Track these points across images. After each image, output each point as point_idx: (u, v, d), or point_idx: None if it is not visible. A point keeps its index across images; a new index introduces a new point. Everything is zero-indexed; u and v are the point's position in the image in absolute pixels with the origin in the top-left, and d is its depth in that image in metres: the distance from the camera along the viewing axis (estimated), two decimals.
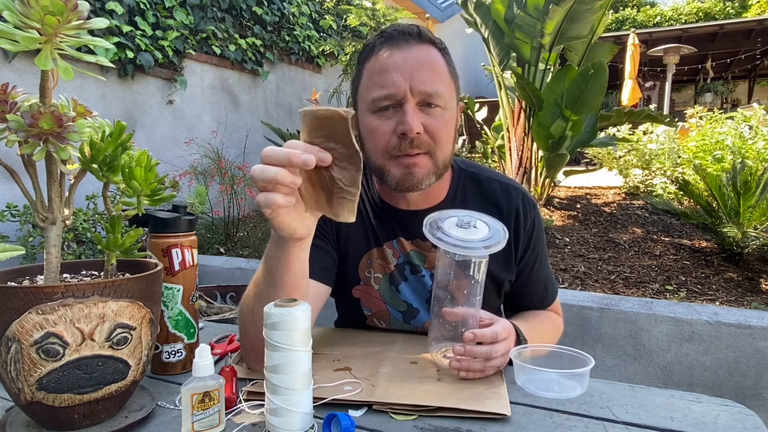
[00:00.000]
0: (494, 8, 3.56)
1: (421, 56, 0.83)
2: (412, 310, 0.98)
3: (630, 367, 1.90)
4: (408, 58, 0.82)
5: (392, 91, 0.81)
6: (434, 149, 0.84)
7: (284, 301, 0.61)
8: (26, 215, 2.55)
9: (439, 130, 0.83)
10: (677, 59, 8.83)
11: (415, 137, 0.81)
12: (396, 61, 0.82)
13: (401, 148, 0.83)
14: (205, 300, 2.39)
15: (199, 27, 4.00)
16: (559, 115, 3.18)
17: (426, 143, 0.83)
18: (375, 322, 1.02)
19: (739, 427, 0.65)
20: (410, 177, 0.84)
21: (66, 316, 0.56)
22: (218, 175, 3.56)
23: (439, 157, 0.85)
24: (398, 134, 0.82)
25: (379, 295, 0.98)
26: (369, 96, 0.84)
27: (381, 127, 0.83)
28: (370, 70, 0.85)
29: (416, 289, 0.97)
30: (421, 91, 0.81)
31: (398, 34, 0.84)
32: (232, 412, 0.67)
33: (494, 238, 0.77)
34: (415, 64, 0.82)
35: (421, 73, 0.81)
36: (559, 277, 2.63)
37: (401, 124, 0.81)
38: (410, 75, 0.81)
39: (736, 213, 2.78)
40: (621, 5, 17.77)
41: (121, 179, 0.65)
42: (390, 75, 0.81)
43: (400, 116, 0.82)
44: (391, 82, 0.81)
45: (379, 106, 0.83)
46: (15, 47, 0.55)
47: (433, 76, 0.83)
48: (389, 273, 0.97)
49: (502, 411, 0.66)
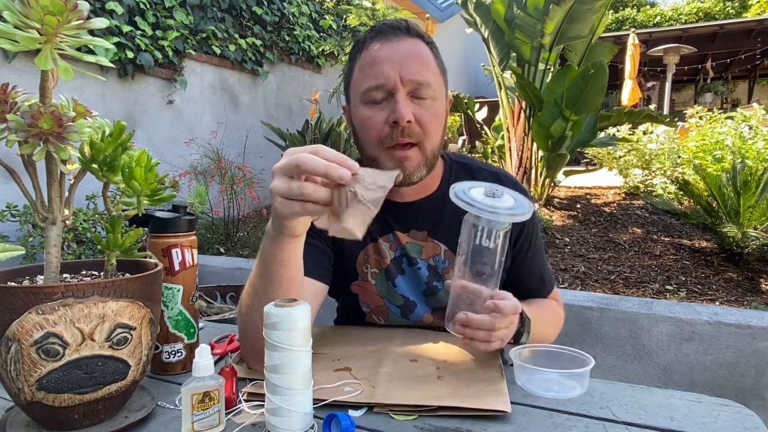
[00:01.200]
0: (494, 8, 3.57)
1: (411, 48, 0.86)
2: (409, 303, 0.99)
3: (630, 367, 1.90)
4: (398, 50, 0.85)
5: (383, 81, 0.84)
6: (423, 140, 0.86)
7: (284, 301, 0.61)
8: (26, 215, 2.55)
9: (429, 120, 0.86)
10: (677, 59, 8.83)
11: (406, 126, 0.84)
12: (386, 53, 0.85)
13: (393, 137, 0.85)
14: (205, 300, 2.39)
15: (199, 27, 4.00)
16: (559, 115, 3.18)
17: (416, 133, 0.85)
18: (374, 319, 1.02)
19: (739, 427, 0.65)
20: (403, 168, 0.86)
21: (66, 316, 0.56)
22: (218, 175, 3.56)
23: (428, 149, 0.88)
24: (390, 123, 0.84)
25: (376, 291, 0.99)
26: (361, 87, 0.87)
27: (374, 117, 0.86)
28: (361, 64, 0.88)
29: (412, 281, 0.98)
30: (411, 80, 0.84)
31: (387, 28, 0.87)
32: (232, 412, 0.67)
33: (520, 209, 0.77)
34: (404, 56, 0.85)
35: (410, 63, 0.84)
36: (559, 277, 2.63)
37: (393, 113, 0.83)
38: (400, 66, 0.84)
39: (736, 213, 2.78)
40: (621, 5, 17.77)
41: (121, 179, 0.65)
42: (381, 66, 0.84)
43: (391, 106, 0.84)
44: (382, 73, 0.84)
45: (371, 98, 0.86)
46: (15, 47, 0.55)
47: (422, 66, 0.86)
48: (385, 267, 0.98)
49: (503, 408, 0.66)
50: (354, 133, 0.93)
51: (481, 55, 5.11)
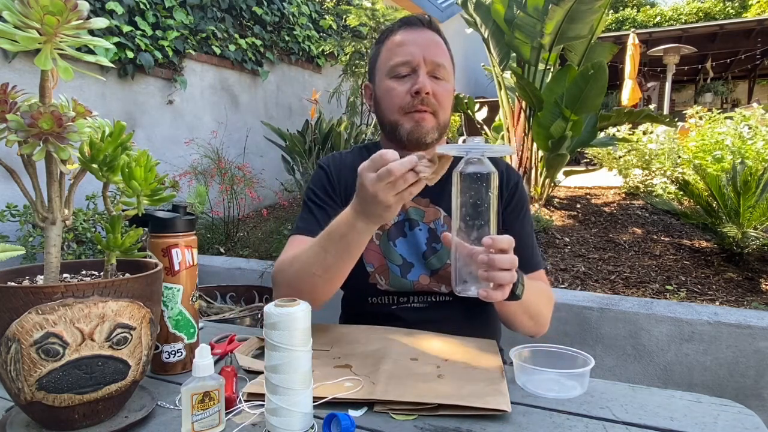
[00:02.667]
0: (494, 8, 3.56)
1: (432, 37, 1.07)
2: (407, 264, 1.08)
3: (630, 367, 1.90)
4: (423, 37, 1.05)
5: (410, 58, 1.02)
6: (438, 110, 1.04)
7: (284, 301, 0.61)
8: (26, 215, 2.54)
9: (443, 95, 1.05)
10: (677, 59, 8.83)
11: (425, 96, 1.01)
12: (414, 38, 1.05)
13: (413, 104, 1.02)
14: (205, 300, 2.39)
15: (199, 27, 4.00)
16: (559, 115, 3.18)
17: (432, 104, 1.03)
18: (377, 279, 1.09)
19: (739, 427, 0.65)
20: (419, 128, 1.04)
21: (66, 316, 0.56)
22: (218, 175, 3.56)
23: (441, 118, 1.06)
24: (412, 93, 1.02)
25: (379, 250, 1.09)
26: (388, 64, 1.05)
27: (398, 88, 1.04)
28: (389, 45, 1.07)
29: (411, 243, 1.09)
30: (432, 61, 1.03)
31: (415, 20, 1.08)
32: (232, 412, 0.67)
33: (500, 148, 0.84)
34: (428, 42, 1.05)
35: (432, 48, 1.04)
36: (559, 277, 2.63)
37: (416, 84, 1.01)
38: (424, 49, 1.03)
39: (736, 213, 2.78)
40: (621, 5, 17.77)
41: (121, 179, 0.65)
42: (408, 47, 1.03)
43: (414, 79, 1.02)
44: (409, 53, 1.03)
45: (396, 73, 1.04)
46: (15, 47, 0.55)
47: (441, 52, 1.06)
48: (387, 230, 1.10)
49: (503, 407, 0.66)
50: (376, 103, 1.12)
51: (481, 55, 5.11)
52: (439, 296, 1.08)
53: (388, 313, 1.09)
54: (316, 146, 3.79)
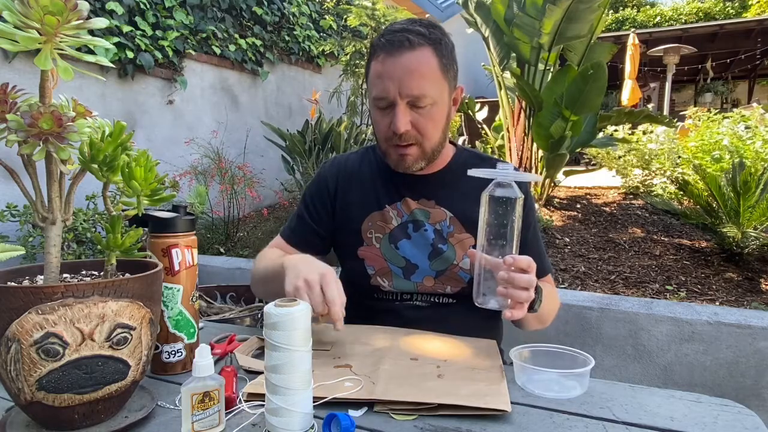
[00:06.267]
0: (494, 8, 3.56)
1: (411, 63, 0.95)
2: (411, 265, 1.08)
3: (630, 367, 1.90)
4: (401, 66, 0.95)
5: (384, 95, 0.97)
6: (422, 141, 1.00)
7: (284, 301, 0.61)
8: (26, 215, 2.54)
9: (426, 125, 0.99)
10: (677, 59, 8.82)
11: (403, 134, 0.98)
12: (391, 69, 0.95)
13: (393, 141, 1.01)
14: (205, 300, 2.39)
15: (199, 27, 4.00)
16: (559, 115, 3.18)
17: (414, 136, 0.99)
18: (378, 281, 1.09)
19: (739, 427, 0.65)
20: (403, 162, 1.03)
21: (66, 316, 0.56)
22: (218, 175, 3.56)
23: (426, 146, 1.02)
24: (391, 131, 0.98)
25: (381, 253, 1.09)
26: (371, 94, 1.02)
27: (381, 121, 1.01)
28: (371, 73, 1.01)
29: (418, 245, 1.08)
30: (408, 95, 0.95)
31: (394, 42, 0.96)
32: (232, 412, 0.67)
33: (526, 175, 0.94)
34: (405, 72, 0.94)
35: (408, 80, 0.95)
36: (559, 277, 2.63)
37: (392, 123, 0.97)
38: (399, 82, 0.95)
39: (735, 213, 2.78)
40: (621, 5, 17.76)
41: (121, 179, 0.65)
42: (383, 81, 0.96)
43: (391, 115, 0.98)
44: (383, 89, 0.97)
45: (377, 105, 1.00)
46: (15, 47, 0.55)
47: (420, 80, 0.95)
48: (389, 232, 1.09)
49: (502, 407, 0.66)
50: None
51: (481, 55, 5.11)
52: (443, 297, 1.08)
53: (390, 309, 1.09)
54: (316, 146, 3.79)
